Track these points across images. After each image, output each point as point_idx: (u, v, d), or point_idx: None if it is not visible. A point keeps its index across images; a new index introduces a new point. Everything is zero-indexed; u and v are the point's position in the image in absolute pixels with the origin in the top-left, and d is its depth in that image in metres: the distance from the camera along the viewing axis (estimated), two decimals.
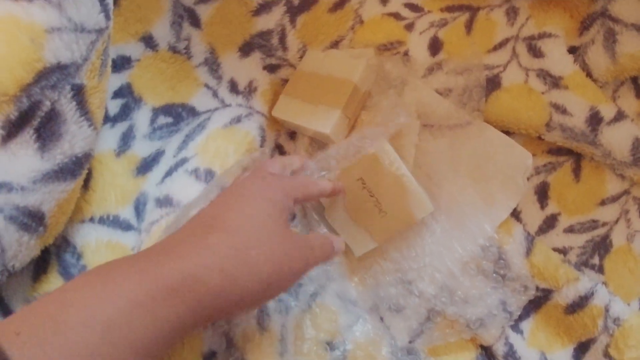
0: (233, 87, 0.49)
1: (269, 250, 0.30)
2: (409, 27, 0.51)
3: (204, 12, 0.46)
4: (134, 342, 0.25)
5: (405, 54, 0.51)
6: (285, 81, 0.51)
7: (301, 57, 0.51)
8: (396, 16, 0.51)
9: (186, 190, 0.42)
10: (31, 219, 0.33)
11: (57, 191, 0.34)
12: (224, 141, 0.45)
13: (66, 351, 0.24)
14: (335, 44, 0.52)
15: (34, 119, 0.32)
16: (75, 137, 0.35)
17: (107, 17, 0.35)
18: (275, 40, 0.50)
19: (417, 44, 0.50)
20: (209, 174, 0.43)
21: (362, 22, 0.51)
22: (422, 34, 0.51)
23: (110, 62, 0.38)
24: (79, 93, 0.34)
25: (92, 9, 0.33)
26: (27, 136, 0.32)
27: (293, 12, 0.50)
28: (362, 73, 0.47)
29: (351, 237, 0.46)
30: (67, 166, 0.34)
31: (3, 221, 0.31)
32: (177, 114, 0.46)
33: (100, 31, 0.34)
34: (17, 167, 0.32)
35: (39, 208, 0.33)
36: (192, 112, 0.47)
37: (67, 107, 0.34)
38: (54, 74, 0.32)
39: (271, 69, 0.50)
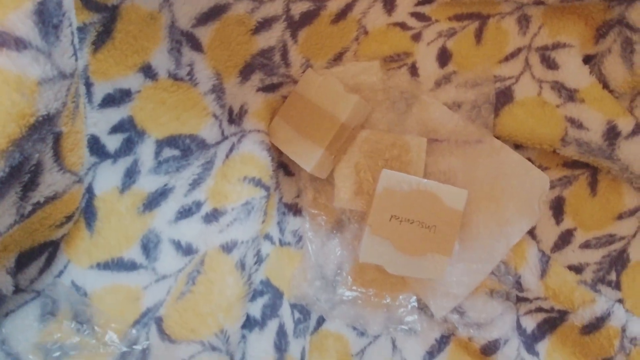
0: (230, 114, 0.47)
1: None
2: (416, 37, 0.49)
3: (204, 35, 0.44)
4: None
5: (413, 65, 0.49)
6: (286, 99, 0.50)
7: (304, 72, 0.50)
8: (402, 26, 0.49)
9: (204, 238, 0.42)
10: None
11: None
12: (234, 175, 0.44)
13: None
14: (339, 56, 0.50)
15: (23, 175, 0.31)
16: (45, 184, 0.33)
17: (76, 58, 0.33)
18: (277, 58, 0.48)
19: (425, 55, 0.48)
20: (217, 215, 0.43)
21: (366, 32, 0.49)
22: (430, 44, 0.48)
23: (82, 102, 0.36)
24: (57, 140, 0.33)
25: (69, 53, 0.32)
26: (15, 196, 0.31)
27: (294, 27, 0.47)
28: (350, 112, 0.45)
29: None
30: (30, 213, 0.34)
31: None
32: (184, 146, 0.44)
33: (72, 74, 0.33)
34: None
35: None
36: (202, 144, 0.45)
37: (47, 156, 0.33)
38: (44, 126, 0.30)
39: (272, 87, 0.49)
